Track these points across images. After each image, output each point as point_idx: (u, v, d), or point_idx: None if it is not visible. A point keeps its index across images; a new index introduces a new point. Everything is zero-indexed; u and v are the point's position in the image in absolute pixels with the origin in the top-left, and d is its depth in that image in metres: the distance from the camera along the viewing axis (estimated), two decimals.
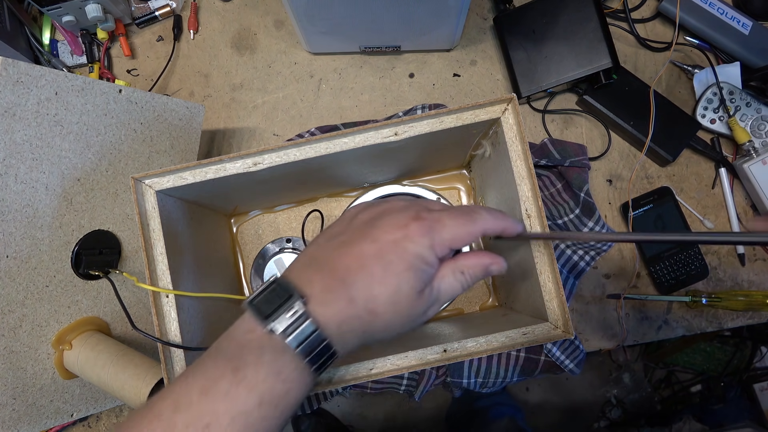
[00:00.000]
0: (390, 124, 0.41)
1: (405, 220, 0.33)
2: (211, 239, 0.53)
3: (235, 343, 0.30)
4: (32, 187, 0.43)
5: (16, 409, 0.44)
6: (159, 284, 0.41)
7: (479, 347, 0.40)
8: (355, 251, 0.32)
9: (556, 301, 0.40)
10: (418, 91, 0.65)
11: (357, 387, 0.56)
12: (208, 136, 0.65)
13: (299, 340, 0.29)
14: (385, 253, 0.31)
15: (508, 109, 0.41)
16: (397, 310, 0.32)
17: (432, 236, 0.32)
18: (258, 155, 0.41)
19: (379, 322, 0.32)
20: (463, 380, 0.55)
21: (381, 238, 0.32)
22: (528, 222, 0.41)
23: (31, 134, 0.42)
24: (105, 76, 0.64)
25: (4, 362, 0.43)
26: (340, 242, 0.33)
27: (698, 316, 0.62)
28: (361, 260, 0.31)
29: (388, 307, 0.31)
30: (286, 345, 0.29)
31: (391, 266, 0.31)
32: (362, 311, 0.31)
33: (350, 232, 0.33)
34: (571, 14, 0.60)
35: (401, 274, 0.31)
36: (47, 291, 0.45)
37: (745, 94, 0.62)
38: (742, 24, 0.62)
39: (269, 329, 0.30)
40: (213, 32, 0.66)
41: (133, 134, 0.50)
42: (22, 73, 0.40)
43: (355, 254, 0.32)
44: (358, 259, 0.31)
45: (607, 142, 0.64)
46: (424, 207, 0.35)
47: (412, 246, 0.32)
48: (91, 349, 0.46)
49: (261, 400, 0.28)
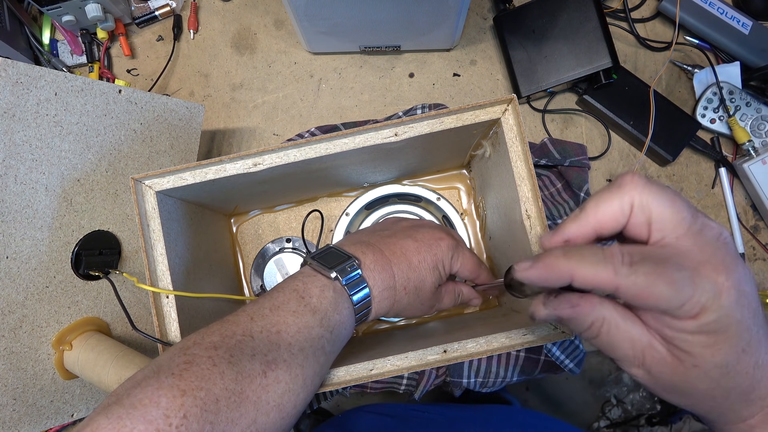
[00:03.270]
0: (390, 124, 0.41)
1: (440, 234, 0.43)
2: (211, 239, 0.53)
3: (298, 283, 0.36)
4: (32, 187, 0.43)
5: (17, 410, 0.44)
6: (159, 285, 0.41)
7: (479, 347, 0.40)
8: (400, 243, 0.41)
9: None
10: (418, 90, 0.65)
11: (357, 387, 0.56)
12: (208, 136, 0.65)
13: (353, 291, 0.37)
14: (422, 251, 0.41)
15: (509, 110, 0.41)
16: (418, 296, 0.41)
17: (455, 254, 0.43)
18: (258, 156, 0.41)
19: (404, 301, 0.41)
20: (463, 380, 0.55)
21: (420, 239, 0.42)
22: (528, 222, 0.41)
23: (30, 135, 0.42)
24: (105, 76, 0.64)
25: (5, 363, 0.43)
26: (388, 235, 0.42)
27: None
28: (403, 250, 0.41)
29: (412, 290, 0.41)
30: (345, 288, 0.37)
31: (424, 262, 0.41)
32: (398, 287, 0.40)
33: (395, 231, 0.43)
34: (571, 14, 0.60)
35: (428, 270, 0.41)
36: (47, 291, 0.45)
37: (745, 93, 0.62)
38: (742, 24, 0.62)
39: (333, 276, 0.37)
40: (213, 32, 0.66)
41: (133, 134, 0.50)
42: (22, 74, 0.40)
43: (399, 245, 0.41)
44: (402, 249, 0.41)
45: (607, 142, 0.64)
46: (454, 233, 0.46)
47: (440, 253, 0.42)
48: (91, 349, 0.46)
49: (321, 322, 0.35)
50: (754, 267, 0.62)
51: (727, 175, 0.62)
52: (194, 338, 0.31)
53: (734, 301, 0.23)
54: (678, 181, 0.63)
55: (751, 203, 0.63)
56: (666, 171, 0.63)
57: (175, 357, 0.29)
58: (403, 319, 0.57)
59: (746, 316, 0.24)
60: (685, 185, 0.63)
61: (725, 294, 0.23)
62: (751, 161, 0.60)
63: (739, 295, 0.24)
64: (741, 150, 0.62)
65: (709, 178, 0.63)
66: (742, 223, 0.62)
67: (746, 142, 0.60)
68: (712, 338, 0.24)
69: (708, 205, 0.63)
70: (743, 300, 0.24)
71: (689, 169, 0.64)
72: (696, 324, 0.24)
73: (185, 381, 0.27)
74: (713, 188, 0.63)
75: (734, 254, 0.25)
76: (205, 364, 0.29)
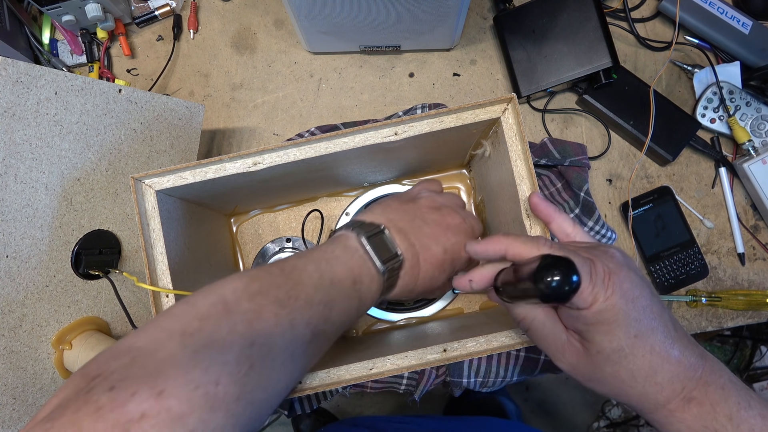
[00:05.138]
0: (390, 123, 0.41)
1: (459, 220, 0.44)
2: (211, 239, 0.53)
3: (354, 262, 0.37)
4: (32, 187, 0.43)
5: (16, 409, 0.44)
6: (159, 284, 0.41)
7: (479, 347, 0.40)
8: (433, 251, 0.42)
9: None
10: (418, 90, 0.65)
11: (357, 387, 0.56)
12: (208, 135, 0.65)
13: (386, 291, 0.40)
14: (446, 263, 0.42)
15: (508, 109, 0.41)
16: (435, 275, 0.42)
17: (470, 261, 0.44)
18: (258, 155, 0.41)
19: (424, 277, 0.42)
20: (463, 380, 0.55)
21: (449, 249, 0.43)
22: (528, 221, 0.41)
23: (30, 134, 0.42)
24: (105, 76, 0.64)
25: (4, 362, 0.43)
26: (427, 234, 0.42)
27: (698, 315, 0.62)
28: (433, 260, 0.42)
29: (430, 269, 0.42)
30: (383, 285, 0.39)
31: (444, 273, 0.43)
32: (413, 291, 0.42)
33: (431, 223, 0.43)
34: (571, 14, 0.60)
35: (444, 277, 0.43)
36: (47, 291, 0.45)
37: (745, 93, 0.62)
38: (742, 23, 0.62)
39: (382, 271, 0.38)
40: (213, 32, 0.66)
41: (133, 134, 0.50)
42: (22, 73, 0.40)
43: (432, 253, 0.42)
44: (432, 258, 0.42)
45: (606, 142, 0.64)
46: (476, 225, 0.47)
47: (460, 263, 0.44)
48: (91, 348, 0.46)
49: (358, 310, 0.37)
50: (754, 266, 0.62)
51: (727, 174, 0.62)
52: (260, 282, 0.32)
53: (618, 297, 0.29)
54: (678, 180, 0.63)
55: (751, 203, 0.63)
56: (666, 171, 0.63)
57: (242, 299, 0.30)
58: (402, 319, 0.57)
59: (631, 308, 0.30)
60: (685, 185, 0.63)
61: (610, 290, 0.29)
62: (751, 161, 0.60)
63: (622, 292, 0.30)
64: (741, 150, 0.62)
65: (709, 177, 0.63)
66: (742, 222, 0.62)
67: (746, 141, 0.61)
68: (605, 327, 0.30)
69: (708, 204, 0.63)
70: (627, 295, 0.30)
71: (689, 168, 0.64)
72: (591, 313, 0.30)
73: (254, 333, 0.29)
74: (713, 188, 0.63)
75: (622, 262, 0.31)
76: (271, 321, 0.30)
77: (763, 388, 1.17)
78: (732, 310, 0.61)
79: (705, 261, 0.61)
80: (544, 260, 0.27)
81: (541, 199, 0.38)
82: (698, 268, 0.60)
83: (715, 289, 0.62)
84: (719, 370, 0.31)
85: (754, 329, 1.20)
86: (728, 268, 0.62)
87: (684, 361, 0.30)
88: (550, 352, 0.34)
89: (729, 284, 0.62)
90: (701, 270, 0.60)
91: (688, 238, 0.61)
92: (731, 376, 0.32)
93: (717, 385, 0.31)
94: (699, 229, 0.62)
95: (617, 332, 0.30)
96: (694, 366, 0.31)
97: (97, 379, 0.23)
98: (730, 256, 0.62)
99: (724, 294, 0.60)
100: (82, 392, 0.23)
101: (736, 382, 0.31)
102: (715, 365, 0.31)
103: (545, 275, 0.27)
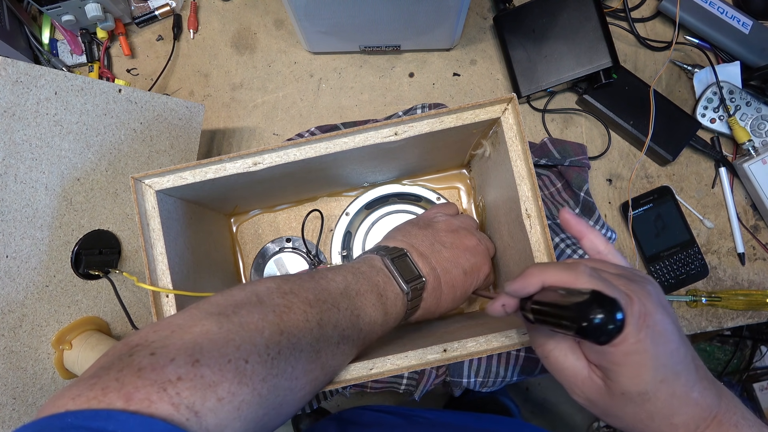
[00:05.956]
0: (390, 124, 0.41)
1: (483, 261, 0.47)
2: (211, 239, 0.53)
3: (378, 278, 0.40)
4: (32, 186, 0.43)
5: (16, 409, 0.44)
6: (159, 284, 0.41)
7: (479, 347, 0.40)
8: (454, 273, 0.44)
9: None
10: (418, 90, 0.65)
11: (357, 387, 0.56)
12: (208, 135, 0.65)
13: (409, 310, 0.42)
14: (466, 284, 0.45)
15: (508, 109, 0.41)
16: (456, 296, 0.45)
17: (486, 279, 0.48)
18: (258, 155, 0.41)
19: (446, 299, 0.45)
20: (463, 380, 0.55)
21: (469, 271, 0.45)
22: (528, 222, 0.41)
23: (30, 134, 0.42)
24: (105, 76, 0.64)
25: (4, 362, 0.43)
26: (446, 258, 0.45)
27: (698, 315, 0.62)
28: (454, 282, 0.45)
29: (451, 291, 0.45)
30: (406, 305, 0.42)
31: (465, 295, 0.46)
32: (434, 313, 0.45)
33: (451, 247, 0.46)
34: (571, 14, 0.60)
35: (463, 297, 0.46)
36: (47, 291, 0.45)
37: (745, 93, 0.62)
38: (742, 23, 0.62)
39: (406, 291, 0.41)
40: (213, 32, 0.66)
41: (133, 134, 0.50)
42: (22, 73, 0.40)
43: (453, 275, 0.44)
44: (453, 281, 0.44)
45: (607, 142, 0.64)
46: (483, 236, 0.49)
47: (477, 282, 0.46)
48: (91, 348, 0.46)
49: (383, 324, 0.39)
50: (754, 266, 0.62)
51: (727, 174, 0.62)
52: (291, 284, 0.34)
53: (650, 341, 0.28)
54: (678, 180, 0.63)
55: (751, 203, 0.63)
56: (666, 171, 0.63)
57: (274, 295, 0.33)
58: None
59: (661, 353, 0.29)
60: (685, 185, 0.63)
61: (643, 333, 0.28)
62: (751, 161, 0.60)
63: (654, 335, 0.28)
64: (741, 149, 0.62)
65: (709, 177, 0.63)
66: (742, 222, 0.62)
67: (746, 141, 0.60)
68: (633, 369, 0.29)
69: (708, 204, 0.63)
70: (658, 339, 0.29)
71: (689, 168, 0.64)
72: (619, 353, 0.29)
73: (284, 323, 0.31)
74: (713, 188, 0.63)
75: (657, 302, 0.30)
76: (300, 317, 0.32)
77: (763, 388, 1.17)
78: (732, 310, 0.61)
79: (705, 261, 0.61)
80: (592, 295, 0.26)
81: (572, 215, 0.36)
82: (698, 268, 0.60)
83: (715, 289, 0.62)
84: (734, 407, 0.31)
85: (754, 329, 1.20)
86: (728, 268, 0.62)
87: (702, 403, 0.30)
88: (566, 385, 0.33)
89: (729, 284, 0.62)
90: (701, 270, 0.60)
91: (688, 238, 0.61)
92: (745, 412, 0.32)
93: (730, 423, 0.31)
94: (699, 229, 0.62)
95: (644, 376, 0.29)
96: (710, 406, 0.30)
97: (139, 347, 0.26)
98: (730, 256, 0.62)
99: (724, 294, 0.60)
100: (125, 356, 0.25)
101: (749, 419, 0.31)
102: (730, 403, 0.31)
103: (589, 312, 0.25)
